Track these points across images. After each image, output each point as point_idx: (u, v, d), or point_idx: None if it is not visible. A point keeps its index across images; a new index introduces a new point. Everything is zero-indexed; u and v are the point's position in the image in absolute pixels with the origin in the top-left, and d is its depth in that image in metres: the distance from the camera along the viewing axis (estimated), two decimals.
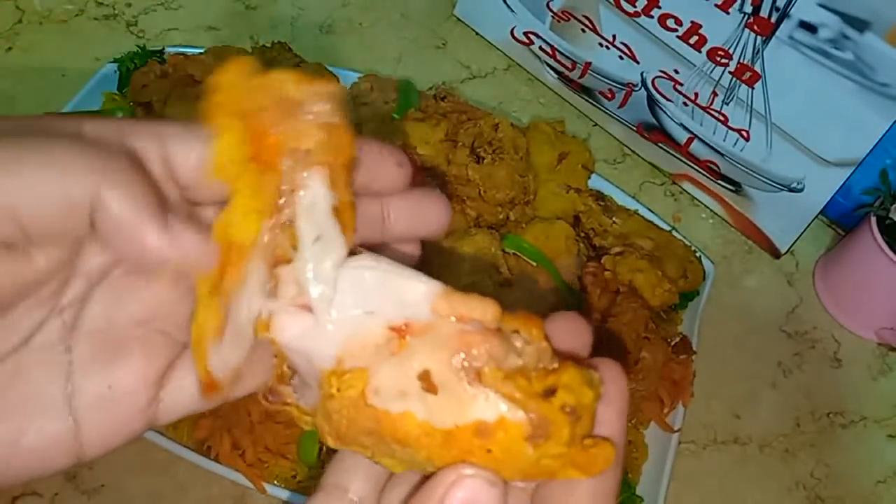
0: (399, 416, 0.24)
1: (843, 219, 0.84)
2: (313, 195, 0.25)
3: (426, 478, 0.25)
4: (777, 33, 0.71)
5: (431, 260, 0.61)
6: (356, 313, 0.25)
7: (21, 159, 0.22)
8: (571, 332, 0.26)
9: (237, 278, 0.25)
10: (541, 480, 0.26)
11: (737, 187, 0.82)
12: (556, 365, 0.24)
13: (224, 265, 0.25)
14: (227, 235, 0.25)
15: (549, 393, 0.23)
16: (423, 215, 0.29)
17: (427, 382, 0.24)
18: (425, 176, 0.66)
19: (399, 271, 0.26)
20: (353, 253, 0.26)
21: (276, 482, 0.59)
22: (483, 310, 0.24)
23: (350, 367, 0.25)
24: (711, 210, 0.86)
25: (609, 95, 0.87)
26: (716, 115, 0.79)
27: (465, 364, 0.24)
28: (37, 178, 0.22)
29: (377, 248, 0.27)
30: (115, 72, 0.75)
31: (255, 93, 0.26)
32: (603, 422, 0.25)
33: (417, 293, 0.25)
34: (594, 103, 0.89)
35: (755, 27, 0.72)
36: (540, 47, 0.90)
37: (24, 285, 0.24)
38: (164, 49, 0.77)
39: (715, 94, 0.78)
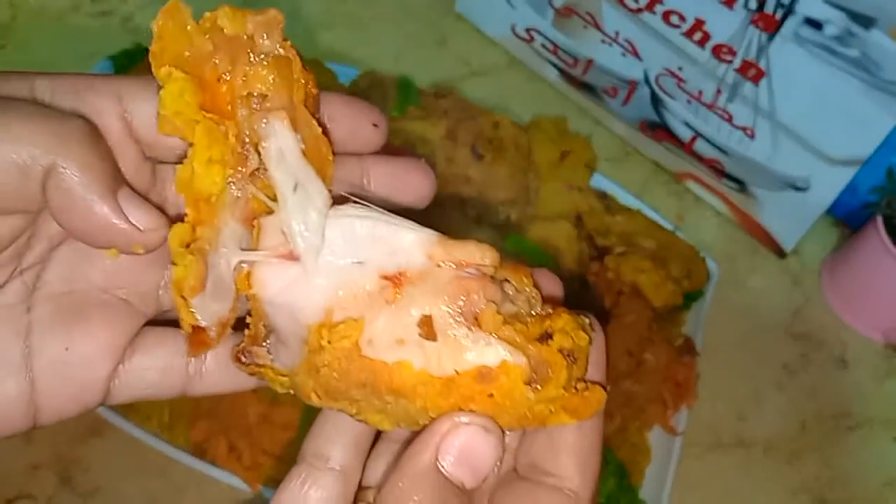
0: (395, 365, 0.24)
1: (849, 218, 0.84)
2: (279, 143, 0.25)
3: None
4: (782, 30, 0.71)
5: None
6: (346, 263, 0.25)
7: None
8: (548, 284, 0.27)
9: (210, 232, 0.25)
10: (529, 432, 0.26)
11: (741, 186, 0.82)
12: (549, 310, 0.24)
13: (194, 218, 0.25)
14: (191, 188, 0.25)
15: (546, 337, 0.24)
16: (405, 183, 0.29)
17: (427, 329, 0.24)
18: None
19: (390, 219, 0.25)
20: (341, 201, 0.26)
21: (272, 485, 0.59)
22: (482, 254, 0.24)
23: (342, 318, 0.24)
24: (716, 209, 0.85)
25: (612, 93, 0.86)
26: (720, 112, 0.78)
27: (465, 310, 0.23)
28: None
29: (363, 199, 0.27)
30: (110, 69, 0.74)
31: (195, 37, 0.25)
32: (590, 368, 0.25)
33: (411, 241, 0.25)
34: (597, 101, 0.88)
35: (760, 24, 0.71)
36: (542, 44, 0.89)
37: None
38: None
39: (719, 91, 0.77)
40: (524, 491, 0.26)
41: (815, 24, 0.69)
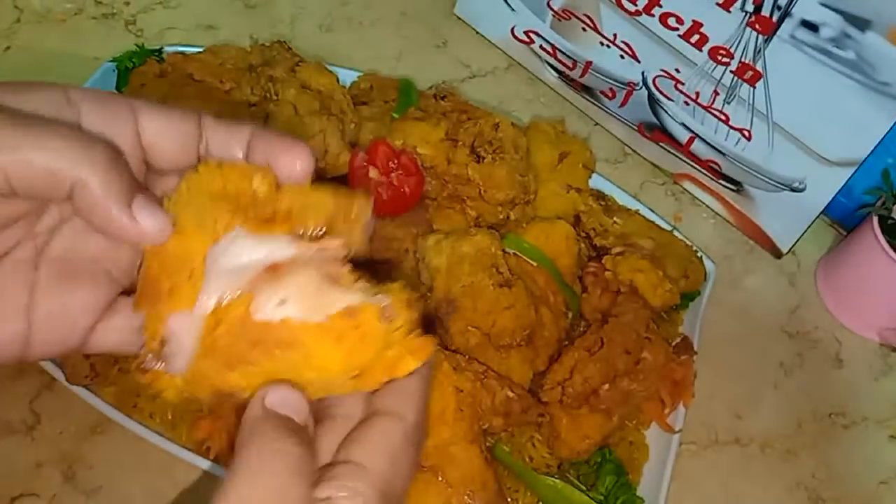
0: (281, 321, 0.30)
1: (844, 219, 0.84)
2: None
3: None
4: (779, 32, 0.71)
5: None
6: (234, 268, 0.31)
7: (19, 147, 0.28)
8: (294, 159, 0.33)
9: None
10: (378, 392, 0.32)
11: (738, 187, 0.82)
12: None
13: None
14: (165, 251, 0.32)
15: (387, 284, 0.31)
16: (279, 160, 0.33)
17: (301, 288, 0.30)
18: (425, 176, 0.66)
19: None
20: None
21: None
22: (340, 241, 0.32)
23: (229, 300, 0.30)
24: (713, 210, 0.85)
25: (610, 95, 0.87)
26: (717, 114, 0.79)
27: (329, 274, 0.31)
28: (31, 157, 0.28)
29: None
30: (114, 71, 0.75)
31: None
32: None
33: (281, 245, 0.32)
34: (595, 102, 0.89)
35: (757, 26, 0.72)
36: (540, 46, 0.90)
37: (7, 217, 0.30)
38: (162, 48, 0.76)
39: (716, 93, 0.78)
40: (365, 426, 0.31)
41: (811, 27, 0.69)
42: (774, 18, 0.71)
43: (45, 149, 0.28)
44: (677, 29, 0.77)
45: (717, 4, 0.73)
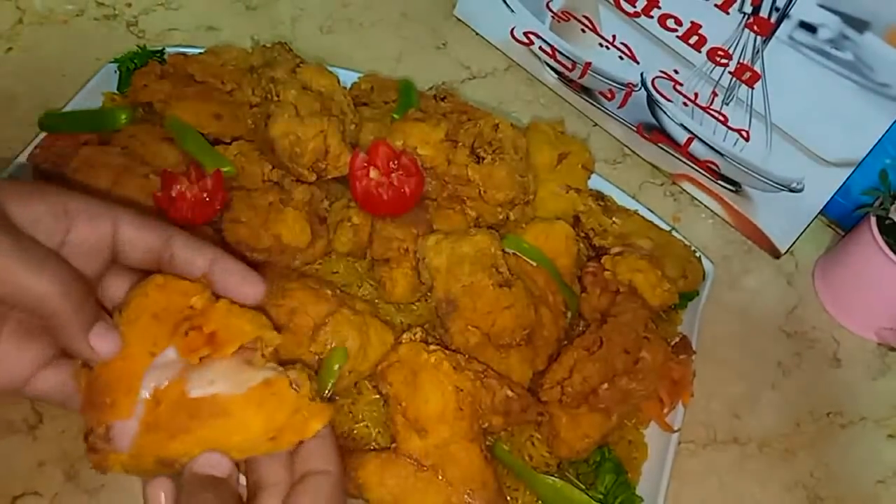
0: (212, 396, 0.38)
1: (842, 219, 0.85)
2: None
3: None
4: (777, 33, 0.72)
5: None
6: (167, 363, 0.40)
7: (11, 269, 0.37)
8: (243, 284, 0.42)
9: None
10: (294, 459, 0.40)
11: (736, 187, 0.82)
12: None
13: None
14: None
15: (291, 364, 0.41)
16: (234, 287, 0.42)
17: (225, 371, 0.40)
18: (425, 176, 0.66)
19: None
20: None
21: None
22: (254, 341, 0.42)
23: (166, 385, 0.39)
24: (711, 210, 0.86)
25: (609, 96, 0.87)
26: (716, 115, 0.79)
27: (245, 359, 0.40)
28: (27, 285, 0.37)
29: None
30: (116, 72, 0.75)
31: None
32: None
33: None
34: (594, 103, 0.89)
35: (755, 27, 0.72)
36: (540, 47, 0.90)
37: None
38: (164, 49, 0.77)
39: (715, 94, 0.78)
40: (300, 486, 0.39)
41: (809, 28, 0.70)
42: (773, 20, 0.71)
43: (38, 280, 0.37)
44: (676, 30, 0.77)
45: (716, 6, 0.73)
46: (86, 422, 0.39)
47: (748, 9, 0.72)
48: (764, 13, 0.71)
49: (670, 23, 0.77)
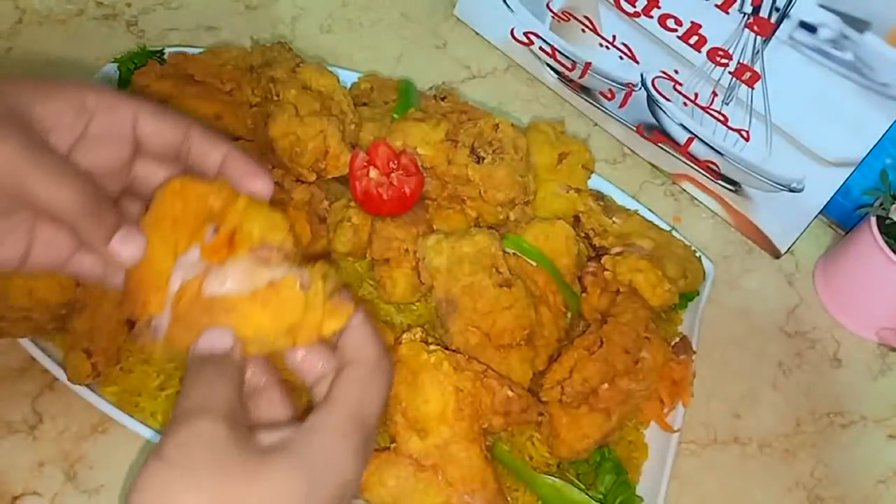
0: (222, 296, 0.40)
1: (842, 219, 0.85)
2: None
3: None
4: (777, 33, 0.72)
5: None
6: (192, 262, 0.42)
7: (30, 183, 0.38)
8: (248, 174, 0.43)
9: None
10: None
11: (737, 187, 0.82)
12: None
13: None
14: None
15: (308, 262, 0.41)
16: (243, 178, 0.43)
17: (238, 272, 0.41)
18: (425, 176, 0.66)
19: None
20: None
21: None
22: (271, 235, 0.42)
23: (186, 283, 0.40)
24: (711, 210, 0.86)
25: (609, 95, 0.87)
26: (716, 115, 0.79)
27: (259, 257, 0.40)
28: (46, 197, 0.38)
29: None
30: (115, 72, 0.75)
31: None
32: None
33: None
34: (594, 103, 0.89)
35: (755, 27, 0.72)
36: (540, 47, 0.90)
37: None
38: (163, 49, 0.77)
39: (715, 94, 0.78)
40: (335, 380, 0.40)
41: (809, 28, 0.70)
42: (773, 20, 0.71)
43: (57, 194, 0.38)
44: (676, 30, 0.77)
45: (716, 6, 0.73)
46: (129, 314, 0.43)
47: (748, 9, 0.72)
48: (764, 13, 0.71)
49: (670, 23, 0.77)
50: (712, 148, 0.81)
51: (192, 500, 0.33)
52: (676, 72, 0.80)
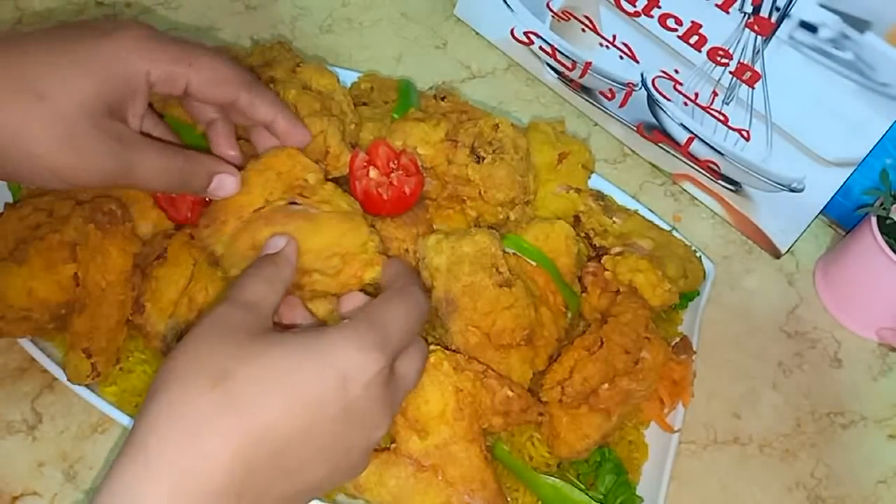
0: (304, 209, 0.52)
1: (843, 219, 0.85)
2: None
3: None
4: (777, 33, 0.72)
5: None
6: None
7: (132, 173, 0.50)
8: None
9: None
10: None
11: (737, 187, 0.82)
12: None
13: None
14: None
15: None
16: (288, 135, 0.56)
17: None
18: (425, 176, 0.66)
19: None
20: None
21: None
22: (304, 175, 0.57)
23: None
24: (712, 210, 0.86)
25: (609, 95, 0.87)
26: (716, 114, 0.79)
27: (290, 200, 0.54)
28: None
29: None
30: None
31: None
32: None
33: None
34: (594, 103, 0.89)
35: (755, 27, 0.72)
36: (540, 47, 0.90)
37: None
38: None
39: (715, 93, 0.78)
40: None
41: (809, 28, 0.70)
42: (773, 19, 0.71)
43: (157, 177, 0.50)
44: (676, 30, 0.77)
45: (716, 6, 0.73)
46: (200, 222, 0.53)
47: (748, 8, 0.72)
48: (764, 13, 0.71)
49: (670, 22, 0.77)
50: (713, 148, 0.81)
51: (196, 370, 0.38)
52: (677, 71, 0.80)
